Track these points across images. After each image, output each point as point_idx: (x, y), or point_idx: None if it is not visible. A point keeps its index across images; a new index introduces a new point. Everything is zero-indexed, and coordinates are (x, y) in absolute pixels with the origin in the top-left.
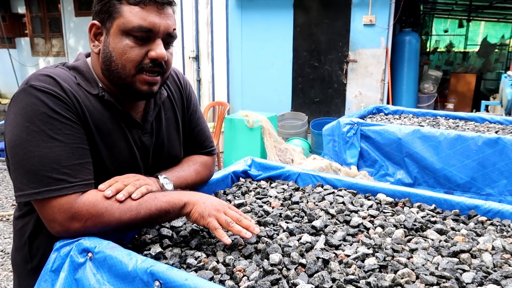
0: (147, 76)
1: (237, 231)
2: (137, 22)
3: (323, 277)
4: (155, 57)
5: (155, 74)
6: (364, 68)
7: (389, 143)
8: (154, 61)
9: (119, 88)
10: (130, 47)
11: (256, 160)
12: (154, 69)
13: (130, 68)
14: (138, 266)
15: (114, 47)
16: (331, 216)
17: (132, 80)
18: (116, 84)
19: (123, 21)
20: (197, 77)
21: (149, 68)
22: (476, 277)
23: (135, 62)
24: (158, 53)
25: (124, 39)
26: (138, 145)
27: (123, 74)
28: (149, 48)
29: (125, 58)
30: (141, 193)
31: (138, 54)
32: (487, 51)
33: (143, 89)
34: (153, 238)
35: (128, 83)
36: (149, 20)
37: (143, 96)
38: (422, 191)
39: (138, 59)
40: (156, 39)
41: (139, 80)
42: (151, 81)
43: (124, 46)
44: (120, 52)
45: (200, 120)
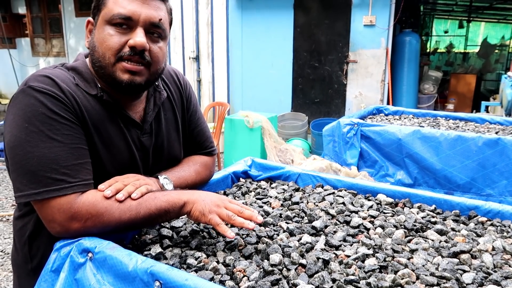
0: (127, 63)
1: (240, 223)
2: (116, 10)
3: (323, 277)
4: (133, 44)
5: (136, 64)
6: (364, 68)
7: (389, 144)
8: (133, 49)
9: (104, 79)
10: (110, 36)
11: (256, 161)
12: (133, 57)
13: (109, 56)
14: (138, 266)
15: (97, 38)
16: (331, 216)
17: (113, 69)
18: (101, 75)
19: (106, 11)
20: (197, 77)
21: (127, 56)
22: (476, 277)
23: (114, 50)
24: (136, 41)
25: (107, 28)
26: (137, 146)
27: (104, 62)
28: (130, 36)
29: (104, 46)
30: (141, 192)
31: (117, 42)
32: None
33: (123, 78)
34: (153, 238)
35: (110, 72)
36: (128, 8)
37: (126, 87)
38: (422, 192)
39: (117, 46)
40: (137, 27)
41: (119, 68)
42: (131, 69)
43: (105, 35)
44: (101, 41)
45: (200, 120)
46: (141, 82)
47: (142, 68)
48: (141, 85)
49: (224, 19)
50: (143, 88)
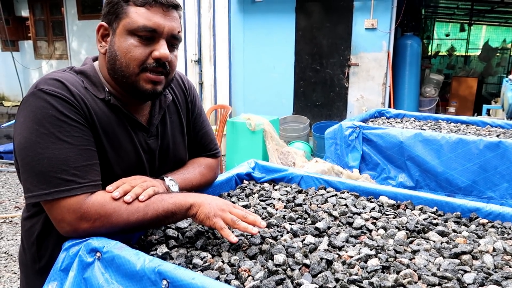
0: (151, 74)
1: (244, 228)
2: (142, 22)
3: (327, 277)
4: (158, 56)
5: (159, 74)
6: (365, 71)
7: (391, 147)
8: (157, 61)
9: (124, 87)
10: (135, 46)
11: (260, 163)
12: (157, 69)
13: (134, 67)
14: (146, 265)
15: (119, 46)
16: (334, 218)
17: (136, 79)
18: (121, 83)
19: (129, 21)
20: (199, 80)
21: (152, 68)
22: (477, 277)
23: (139, 60)
24: (161, 53)
25: (129, 39)
26: (144, 148)
27: (127, 72)
28: (153, 48)
29: (129, 57)
30: (148, 194)
31: (142, 53)
32: (488, 55)
33: (147, 87)
34: (159, 238)
35: (132, 81)
36: (154, 21)
37: (147, 95)
38: (423, 194)
39: (142, 58)
40: (160, 39)
41: (143, 78)
42: (155, 79)
43: (128, 45)
44: (125, 51)
45: (205, 123)
46: (161, 91)
47: (163, 78)
48: (161, 93)
49: (226, 22)
50: (161, 95)
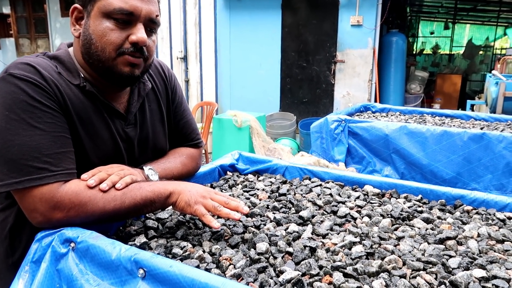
0: (130, 57)
1: (226, 214)
2: (118, 4)
3: (310, 264)
4: (135, 41)
5: (137, 58)
6: (351, 68)
7: (377, 140)
8: (134, 46)
9: (100, 72)
10: (110, 30)
11: (244, 154)
12: (134, 54)
13: (110, 51)
14: (122, 254)
15: (94, 29)
16: (319, 207)
17: (113, 63)
18: (97, 68)
19: (104, 3)
20: (185, 77)
21: (129, 52)
22: (462, 262)
23: (115, 45)
24: (138, 37)
25: (105, 22)
26: (122, 136)
27: (103, 57)
28: (130, 32)
29: (104, 41)
30: (125, 182)
31: (118, 37)
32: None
33: (124, 70)
34: (138, 229)
35: (109, 66)
36: (130, 3)
37: (125, 79)
38: (408, 182)
39: (118, 42)
40: (137, 23)
41: (121, 62)
42: (134, 62)
43: (104, 28)
44: (100, 35)
45: (186, 112)
46: (139, 74)
47: (141, 61)
48: (138, 77)
49: (212, 19)
50: (139, 79)
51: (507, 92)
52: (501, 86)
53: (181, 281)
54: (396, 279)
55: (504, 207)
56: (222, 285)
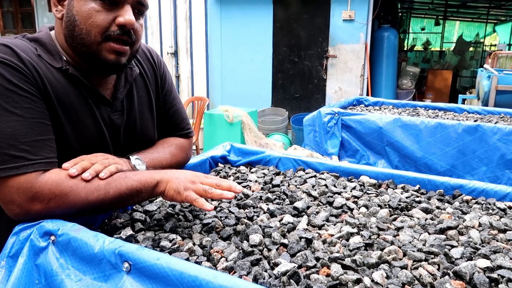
0: (115, 44)
1: (218, 195)
2: None
3: (306, 256)
4: (123, 23)
5: (123, 44)
6: (343, 63)
7: (370, 132)
8: (122, 28)
9: (84, 57)
10: (96, 11)
11: (236, 146)
12: (122, 37)
13: (95, 34)
14: (106, 247)
15: (78, 11)
16: (314, 198)
17: (98, 48)
18: (80, 52)
19: None
20: (176, 73)
21: (116, 35)
22: (465, 252)
23: (101, 27)
24: (126, 19)
25: (90, 2)
26: (107, 124)
27: (88, 40)
28: (117, 14)
29: (90, 23)
30: (109, 172)
31: (104, 19)
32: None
33: (109, 58)
34: (125, 222)
35: (93, 51)
36: None
37: (110, 67)
38: (405, 173)
39: (105, 24)
40: (125, 5)
41: (106, 48)
42: (119, 50)
43: (89, 9)
44: (85, 16)
45: (176, 100)
46: (125, 62)
47: (128, 49)
48: (125, 65)
49: (202, 14)
50: (125, 67)
51: (499, 86)
52: (493, 80)
53: (169, 275)
54: (397, 270)
55: (504, 196)
56: (213, 278)
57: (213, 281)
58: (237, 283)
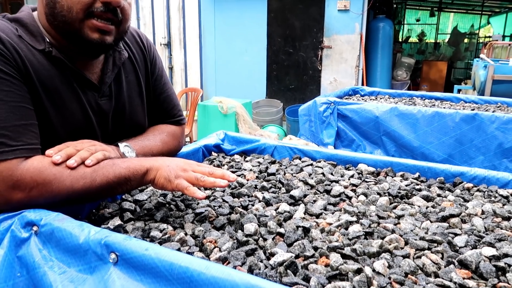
0: (98, 22)
1: (211, 183)
2: None
3: (304, 245)
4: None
5: (108, 22)
6: (339, 54)
7: (366, 122)
8: (106, 5)
9: (67, 37)
10: None
11: (230, 134)
12: (106, 15)
13: (77, 11)
14: (91, 237)
15: None
16: (310, 186)
17: (80, 26)
18: (63, 31)
19: None
20: (169, 64)
21: (100, 12)
22: (469, 240)
23: (84, 4)
24: None
25: None
26: (94, 109)
27: (69, 18)
28: None
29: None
30: (96, 159)
31: None
32: (457, 40)
33: (93, 37)
34: (114, 212)
35: (75, 29)
36: None
37: (94, 47)
38: (404, 160)
39: (88, 0)
40: None
41: (88, 26)
42: (103, 28)
43: None
44: None
45: (167, 86)
46: (111, 42)
47: (113, 28)
48: (111, 45)
49: (196, 4)
50: (112, 48)
51: (495, 75)
52: (490, 69)
53: (158, 266)
54: (399, 259)
55: (506, 183)
56: (205, 269)
57: (205, 272)
58: (231, 274)
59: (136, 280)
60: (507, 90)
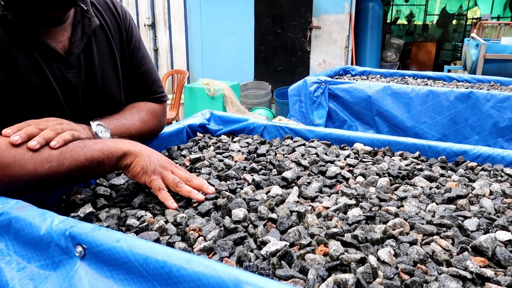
0: None
1: (187, 192)
2: None
3: (299, 232)
4: None
5: None
6: (328, 34)
7: (359, 102)
8: None
9: None
10: None
11: (216, 113)
12: None
13: None
14: (54, 228)
15: None
16: (304, 167)
17: None
18: None
19: None
20: (154, 46)
21: None
22: (481, 223)
23: None
24: None
25: None
26: (60, 82)
27: None
28: None
29: None
30: (63, 139)
31: None
32: (446, 21)
33: None
34: (86, 198)
35: None
36: None
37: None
38: (403, 139)
39: None
40: None
41: None
42: None
43: None
44: None
45: (145, 59)
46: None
47: None
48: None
49: None
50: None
51: (487, 54)
52: (482, 48)
53: (132, 260)
54: (405, 246)
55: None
56: (186, 263)
57: (186, 267)
58: (216, 268)
59: (106, 277)
60: (499, 69)
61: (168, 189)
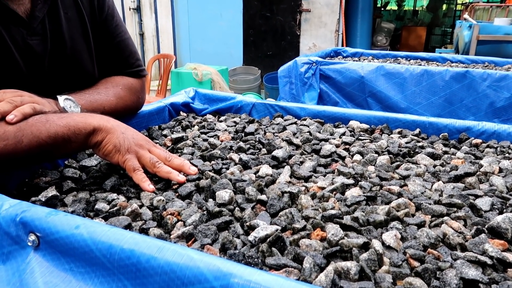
0: None
1: (166, 173)
2: None
3: (292, 215)
4: None
5: None
6: (318, 18)
7: (351, 83)
8: None
9: None
10: None
11: (201, 91)
12: None
13: None
14: (3, 213)
15: None
16: (296, 146)
17: None
18: None
19: None
20: (140, 30)
21: None
22: (495, 202)
23: None
24: None
25: None
26: (22, 50)
27: None
28: None
29: None
30: (22, 114)
31: None
32: (436, 5)
33: None
34: (52, 181)
35: None
36: None
37: None
38: (402, 115)
39: None
40: None
41: None
42: None
43: None
44: None
45: (120, 29)
46: None
47: None
48: None
49: None
50: None
51: (480, 36)
52: (475, 29)
53: (93, 250)
54: (413, 229)
55: None
56: (157, 252)
57: (157, 257)
58: (193, 257)
59: (63, 270)
60: (492, 50)
61: (145, 170)
